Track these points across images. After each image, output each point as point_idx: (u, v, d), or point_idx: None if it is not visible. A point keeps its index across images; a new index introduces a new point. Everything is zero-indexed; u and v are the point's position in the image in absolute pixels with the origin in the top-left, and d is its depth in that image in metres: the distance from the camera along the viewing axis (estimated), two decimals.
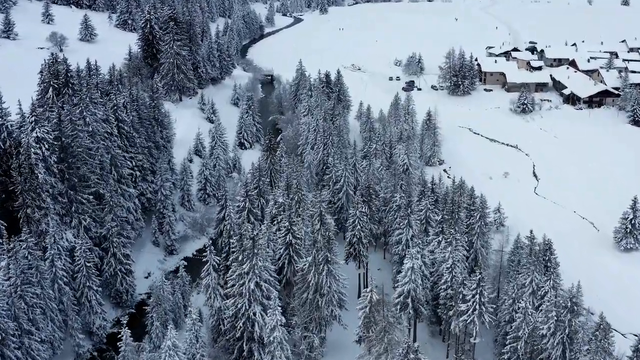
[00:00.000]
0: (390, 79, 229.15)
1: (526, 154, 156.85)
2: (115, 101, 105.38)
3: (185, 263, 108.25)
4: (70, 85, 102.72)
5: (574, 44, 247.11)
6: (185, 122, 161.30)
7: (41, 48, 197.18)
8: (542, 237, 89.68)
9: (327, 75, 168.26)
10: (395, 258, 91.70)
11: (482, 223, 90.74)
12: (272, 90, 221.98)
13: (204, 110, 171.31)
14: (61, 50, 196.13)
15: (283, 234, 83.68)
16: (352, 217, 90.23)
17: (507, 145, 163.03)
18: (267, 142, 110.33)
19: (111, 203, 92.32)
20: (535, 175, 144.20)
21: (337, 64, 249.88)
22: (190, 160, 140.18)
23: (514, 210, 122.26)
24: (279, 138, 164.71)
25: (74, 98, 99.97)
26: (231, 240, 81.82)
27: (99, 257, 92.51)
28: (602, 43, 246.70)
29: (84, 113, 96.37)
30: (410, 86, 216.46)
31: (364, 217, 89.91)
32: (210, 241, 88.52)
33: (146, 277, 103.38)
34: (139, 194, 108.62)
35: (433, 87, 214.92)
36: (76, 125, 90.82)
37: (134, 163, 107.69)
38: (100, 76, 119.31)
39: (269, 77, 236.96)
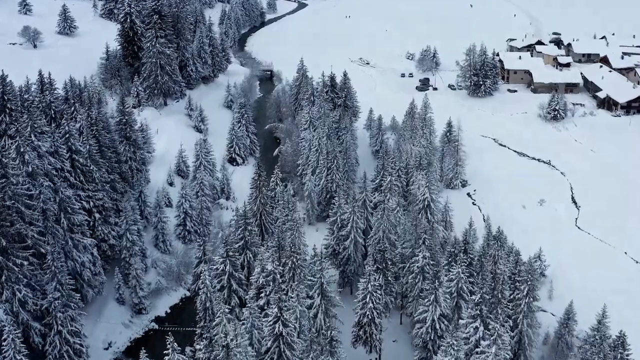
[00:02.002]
0: (403, 75, 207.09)
1: (561, 173, 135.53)
2: (67, 128, 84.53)
3: (156, 326, 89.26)
4: (8, 110, 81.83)
5: (604, 37, 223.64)
6: (169, 133, 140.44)
7: (13, 44, 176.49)
8: (603, 309, 70.51)
9: (332, 78, 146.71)
10: (417, 341, 71.27)
11: (531, 299, 70.30)
12: (271, 88, 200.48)
13: (192, 117, 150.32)
14: (35, 46, 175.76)
15: (271, 322, 63.25)
16: (363, 292, 69.71)
17: (539, 160, 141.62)
18: (256, 177, 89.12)
19: (54, 268, 72.00)
20: (574, 202, 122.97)
21: (343, 57, 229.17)
22: (171, 184, 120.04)
23: (555, 252, 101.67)
24: (276, 152, 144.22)
25: (12, 127, 79.38)
26: (197, 347, 61.29)
27: (41, 334, 72.89)
28: (634, 36, 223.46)
29: (22, 149, 75.82)
30: (425, 85, 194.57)
31: (377, 290, 69.36)
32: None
33: (106, 349, 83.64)
34: (98, 241, 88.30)
35: (450, 86, 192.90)
36: (7, 170, 70.32)
37: (91, 203, 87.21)
38: (57, 92, 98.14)
39: (269, 73, 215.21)
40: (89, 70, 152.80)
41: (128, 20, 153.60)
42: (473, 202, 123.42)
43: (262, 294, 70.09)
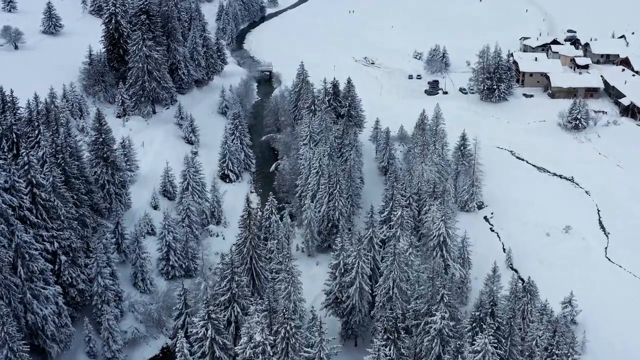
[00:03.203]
0: (410, 77, 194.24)
1: (586, 191, 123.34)
2: (26, 158, 72.69)
3: None
4: None
5: (622, 36, 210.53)
6: (156, 146, 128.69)
7: None
8: None
9: (335, 85, 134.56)
10: None
11: None
12: (270, 90, 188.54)
13: (182, 127, 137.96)
14: (16, 47, 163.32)
15: None
16: None
17: (560, 177, 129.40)
18: (245, 215, 76.84)
19: (4, 334, 60.45)
20: (603, 228, 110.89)
21: (347, 56, 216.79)
22: (155, 207, 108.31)
23: (586, 293, 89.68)
24: (273, 167, 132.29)
25: None
26: None
27: None
28: None
29: None
30: (434, 88, 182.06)
31: None
32: None
33: None
34: (65, 287, 76.64)
35: (461, 90, 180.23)
36: None
37: (56, 244, 75.44)
38: (21, 110, 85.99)
39: (267, 74, 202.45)
40: (72, 75, 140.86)
41: (113, 21, 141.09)
42: (491, 228, 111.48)
43: None
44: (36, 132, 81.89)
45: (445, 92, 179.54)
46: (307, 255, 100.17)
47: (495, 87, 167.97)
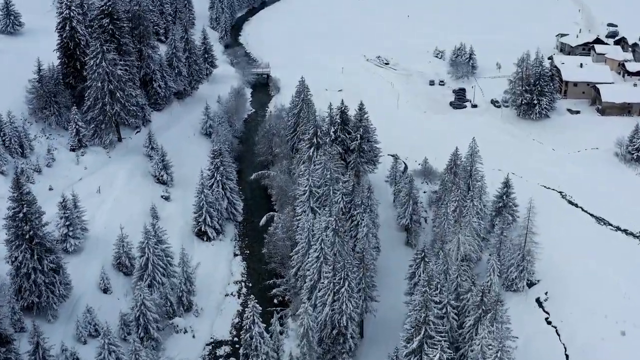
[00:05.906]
0: (432, 83, 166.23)
1: None
2: None
3: None
4: None
5: None
6: (117, 192, 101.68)
7: None
8: None
9: (343, 112, 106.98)
10: None
11: None
12: (266, 99, 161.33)
13: (152, 160, 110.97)
14: None
15: None
16: None
17: (626, 233, 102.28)
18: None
19: None
20: None
21: (357, 54, 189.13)
22: (106, 290, 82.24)
23: None
24: (263, 221, 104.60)
25: None
26: None
27: None
28: None
29: None
30: (461, 99, 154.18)
31: None
32: None
33: None
34: None
35: (494, 102, 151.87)
36: None
37: None
38: None
39: (265, 77, 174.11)
40: (22, 91, 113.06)
41: (67, 28, 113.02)
42: (547, 319, 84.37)
43: None
44: None
45: (475, 105, 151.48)
46: None
47: (535, 101, 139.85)
